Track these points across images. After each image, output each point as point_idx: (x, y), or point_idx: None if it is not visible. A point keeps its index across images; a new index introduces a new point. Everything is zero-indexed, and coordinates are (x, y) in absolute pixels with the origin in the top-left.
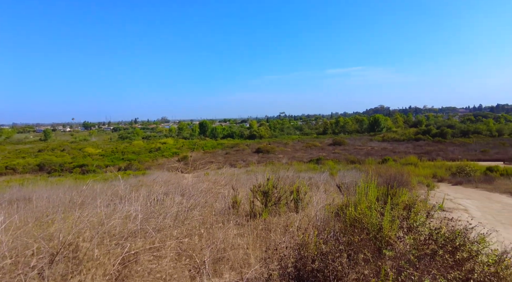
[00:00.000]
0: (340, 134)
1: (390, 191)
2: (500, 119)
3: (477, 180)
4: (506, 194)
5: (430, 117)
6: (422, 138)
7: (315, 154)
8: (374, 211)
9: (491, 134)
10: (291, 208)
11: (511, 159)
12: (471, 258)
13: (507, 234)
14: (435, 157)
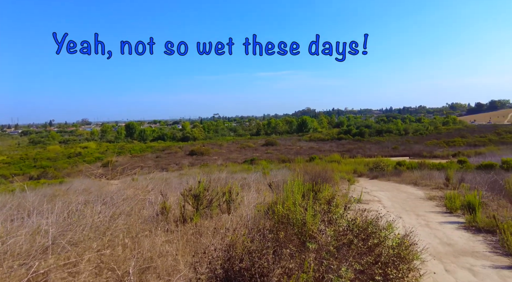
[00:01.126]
0: (272, 135)
1: (315, 187)
2: (406, 120)
3: (389, 174)
4: (410, 185)
5: (350, 118)
6: (344, 138)
7: (249, 155)
8: (298, 207)
9: (399, 133)
10: (223, 209)
11: (414, 154)
12: (380, 243)
13: (409, 219)
14: (355, 154)
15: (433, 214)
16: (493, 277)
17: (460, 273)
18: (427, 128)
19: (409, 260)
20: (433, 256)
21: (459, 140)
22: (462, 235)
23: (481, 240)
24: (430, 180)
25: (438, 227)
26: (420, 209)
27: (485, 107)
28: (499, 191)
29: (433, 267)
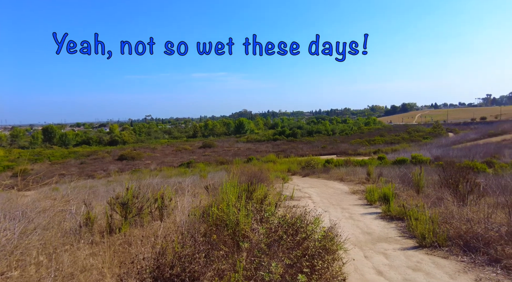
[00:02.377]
0: (209, 137)
1: (250, 188)
2: (333, 121)
3: (319, 171)
4: (337, 181)
5: (284, 120)
6: (279, 139)
7: (186, 158)
8: (232, 208)
9: (328, 133)
10: (155, 216)
11: (341, 152)
12: (307, 237)
13: (335, 212)
14: (289, 154)
15: (356, 207)
16: (401, 257)
17: (376, 258)
18: (352, 128)
19: (333, 250)
20: (355, 245)
21: (378, 139)
22: (379, 223)
23: (393, 227)
24: (354, 175)
25: (360, 218)
26: (345, 202)
27: (398, 109)
28: (408, 182)
29: (355, 254)
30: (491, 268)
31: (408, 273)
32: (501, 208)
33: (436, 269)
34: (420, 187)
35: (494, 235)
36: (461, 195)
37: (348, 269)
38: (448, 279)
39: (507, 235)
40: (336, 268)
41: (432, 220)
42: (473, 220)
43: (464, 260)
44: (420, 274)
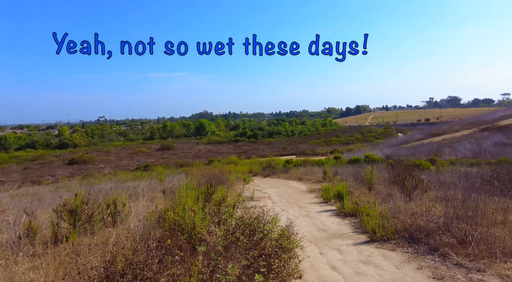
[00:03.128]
0: (168, 138)
1: (209, 190)
2: (292, 122)
3: (279, 171)
4: (296, 180)
5: (245, 121)
6: (241, 140)
7: (143, 161)
8: (188, 211)
9: (287, 134)
10: (108, 223)
11: (300, 153)
12: (264, 236)
13: (293, 211)
14: (251, 155)
15: (313, 205)
16: (353, 252)
17: (331, 254)
18: (310, 129)
19: (290, 249)
20: (311, 242)
21: (335, 139)
22: (334, 220)
23: (347, 223)
24: (312, 175)
25: (316, 216)
26: (303, 201)
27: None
28: (361, 180)
29: (311, 251)
30: (430, 256)
31: (359, 266)
32: (440, 201)
33: (385, 261)
34: (372, 184)
35: (433, 226)
36: (407, 191)
37: (304, 266)
38: (395, 269)
39: (443, 226)
40: (292, 266)
41: (382, 215)
42: (416, 214)
43: (408, 251)
44: (371, 267)
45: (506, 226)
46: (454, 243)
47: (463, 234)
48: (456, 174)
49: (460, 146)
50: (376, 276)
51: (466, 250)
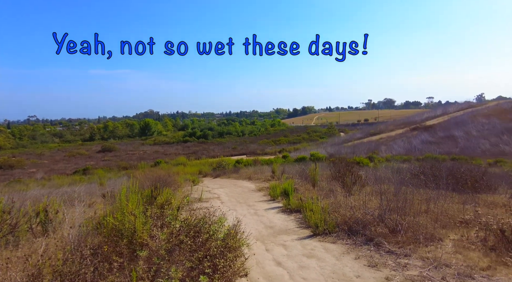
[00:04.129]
0: (110, 139)
1: (154, 193)
2: (243, 123)
3: (229, 172)
4: (246, 180)
5: (194, 121)
6: (190, 140)
7: (82, 164)
8: (128, 216)
9: (238, 134)
10: (37, 232)
11: (251, 152)
12: (210, 237)
13: (242, 210)
14: (200, 156)
15: (261, 203)
16: (298, 247)
17: (277, 250)
18: (260, 129)
19: (236, 248)
20: (257, 239)
21: (283, 139)
22: (280, 217)
23: (292, 219)
24: (261, 174)
25: (264, 214)
26: (251, 200)
27: (299, 112)
28: (306, 177)
29: (258, 249)
30: (367, 246)
31: (303, 260)
32: (376, 195)
33: (326, 253)
34: (316, 181)
35: (369, 218)
36: (347, 186)
37: (251, 264)
38: (335, 261)
39: (378, 217)
40: (238, 264)
41: (324, 210)
42: (355, 207)
43: (348, 243)
44: (313, 260)
45: (428, 214)
46: (386, 232)
47: (394, 223)
48: (390, 169)
49: (394, 144)
50: (318, 269)
51: (396, 238)
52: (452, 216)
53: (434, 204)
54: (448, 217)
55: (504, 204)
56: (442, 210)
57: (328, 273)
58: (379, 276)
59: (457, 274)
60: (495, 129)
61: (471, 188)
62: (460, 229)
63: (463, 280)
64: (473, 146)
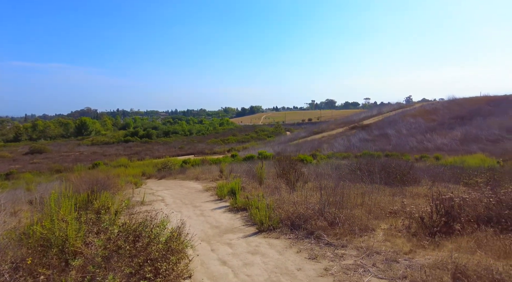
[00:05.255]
0: (40, 140)
1: (90, 197)
2: (190, 121)
3: (176, 172)
4: (193, 180)
5: (137, 120)
6: (132, 140)
7: (4, 168)
8: (58, 222)
9: (185, 133)
10: None
11: (199, 152)
12: (151, 241)
13: (187, 211)
14: (144, 156)
15: (207, 203)
16: (243, 245)
17: (222, 249)
18: (208, 128)
19: (179, 250)
20: (203, 240)
21: (232, 138)
22: (226, 216)
23: (239, 218)
24: (209, 173)
25: (210, 214)
26: (198, 200)
27: (247, 111)
28: (253, 176)
29: (203, 249)
30: (308, 239)
31: (247, 257)
32: (317, 190)
33: (270, 249)
34: (262, 179)
35: (311, 212)
36: (291, 183)
37: (195, 265)
38: (278, 255)
39: (318, 211)
40: (182, 266)
41: (269, 207)
42: (297, 203)
43: (290, 237)
44: (257, 256)
45: (363, 207)
46: (326, 225)
47: (333, 217)
48: (330, 166)
49: (335, 142)
50: (261, 264)
51: (335, 230)
52: (383, 207)
53: (368, 197)
54: (380, 208)
55: (425, 194)
56: (375, 202)
57: (271, 268)
58: (319, 267)
59: (385, 260)
60: (421, 128)
61: (400, 181)
62: (389, 219)
63: (389, 264)
64: (403, 143)
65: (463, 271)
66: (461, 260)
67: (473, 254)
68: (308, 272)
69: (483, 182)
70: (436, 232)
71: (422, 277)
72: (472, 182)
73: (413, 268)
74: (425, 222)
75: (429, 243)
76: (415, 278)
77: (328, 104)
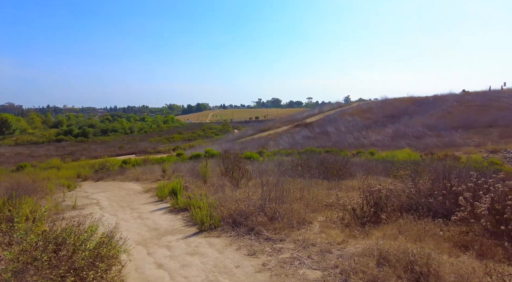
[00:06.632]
0: None
1: (8, 203)
2: (131, 119)
3: (114, 173)
4: (133, 181)
5: (71, 117)
6: (65, 139)
7: None
8: None
9: (125, 131)
10: None
11: (141, 151)
12: (76, 249)
13: (124, 214)
14: (79, 157)
15: (147, 205)
16: (182, 246)
17: (159, 252)
18: (151, 126)
19: (111, 256)
20: (139, 244)
21: (177, 136)
22: (166, 218)
23: (180, 218)
24: (151, 174)
25: (149, 216)
26: (136, 202)
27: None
28: (197, 175)
29: (138, 253)
30: (248, 236)
31: (186, 259)
32: (260, 186)
33: (210, 248)
34: (207, 177)
35: (252, 209)
36: (235, 180)
37: (129, 270)
38: (218, 254)
39: (259, 207)
40: (113, 273)
41: (211, 206)
42: (240, 200)
43: (231, 235)
44: (196, 257)
45: (302, 201)
46: (266, 221)
47: (273, 212)
48: (274, 162)
49: (281, 140)
50: (200, 265)
51: (274, 225)
52: (320, 200)
53: (307, 191)
54: (317, 202)
55: (359, 187)
56: (313, 196)
57: (210, 268)
58: (257, 263)
59: (320, 251)
60: (357, 125)
61: (336, 176)
62: (325, 212)
63: (323, 255)
64: (342, 139)
65: (385, 256)
66: (385, 246)
67: (395, 240)
68: (246, 269)
69: (407, 174)
70: (366, 222)
71: (351, 265)
72: (399, 175)
73: (344, 257)
74: (357, 213)
75: (359, 233)
76: (345, 267)
77: (274, 103)
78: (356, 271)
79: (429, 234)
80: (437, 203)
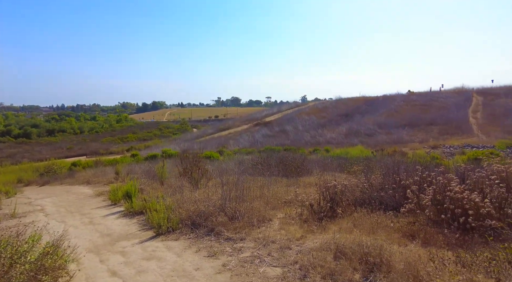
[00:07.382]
0: None
1: None
2: (80, 118)
3: (62, 177)
4: (83, 184)
5: (10, 116)
6: (3, 141)
7: None
8: None
9: (74, 132)
10: None
11: (92, 153)
12: (15, 262)
13: (73, 221)
14: (20, 160)
15: (98, 210)
16: (138, 251)
17: (113, 259)
18: (103, 126)
19: (57, 267)
20: (90, 251)
21: (131, 136)
22: (120, 222)
23: (135, 222)
24: (103, 176)
25: (101, 221)
26: (87, 207)
27: (149, 107)
28: (154, 176)
29: (90, 261)
30: (208, 237)
31: (142, 264)
32: (220, 186)
33: (168, 252)
34: (164, 178)
35: (212, 209)
36: (195, 181)
37: (79, 281)
38: (176, 258)
39: (219, 208)
40: None
41: (168, 208)
42: (199, 201)
43: (190, 237)
44: (153, 261)
45: (262, 199)
46: (226, 220)
47: (233, 211)
48: (235, 161)
49: (241, 138)
50: (157, 270)
51: (235, 225)
52: (280, 197)
53: (267, 189)
54: (276, 199)
55: (316, 183)
56: (272, 193)
57: (167, 272)
58: (217, 264)
59: (279, 248)
60: (314, 124)
61: (295, 173)
62: (285, 208)
63: (283, 252)
64: (300, 138)
65: (342, 249)
66: (341, 240)
67: (351, 233)
68: (206, 271)
69: (360, 170)
70: (323, 217)
71: (310, 260)
72: (352, 170)
73: (303, 252)
74: (314, 209)
75: (317, 228)
76: (304, 262)
77: (234, 101)
78: (314, 266)
79: (381, 226)
80: (388, 196)
